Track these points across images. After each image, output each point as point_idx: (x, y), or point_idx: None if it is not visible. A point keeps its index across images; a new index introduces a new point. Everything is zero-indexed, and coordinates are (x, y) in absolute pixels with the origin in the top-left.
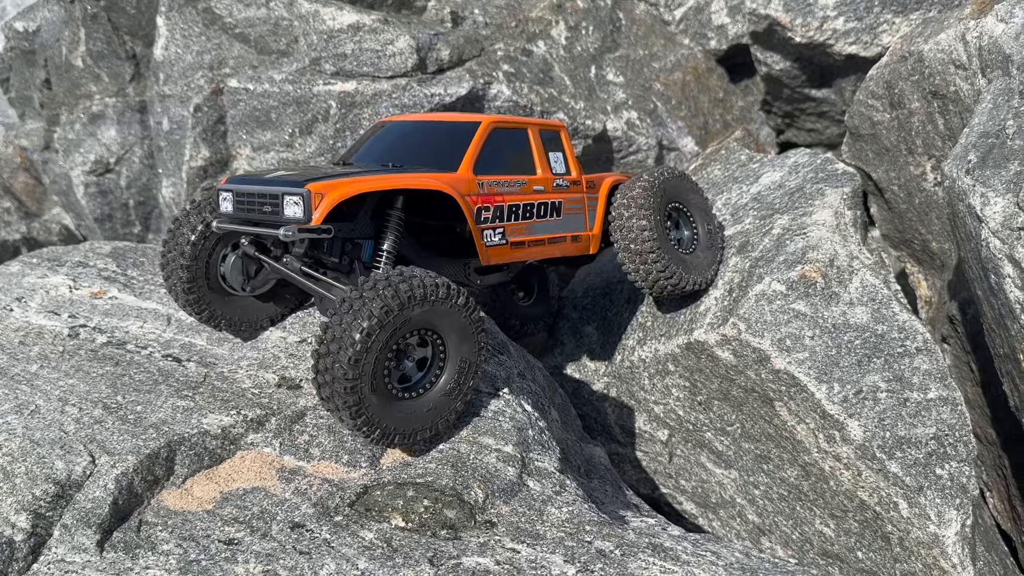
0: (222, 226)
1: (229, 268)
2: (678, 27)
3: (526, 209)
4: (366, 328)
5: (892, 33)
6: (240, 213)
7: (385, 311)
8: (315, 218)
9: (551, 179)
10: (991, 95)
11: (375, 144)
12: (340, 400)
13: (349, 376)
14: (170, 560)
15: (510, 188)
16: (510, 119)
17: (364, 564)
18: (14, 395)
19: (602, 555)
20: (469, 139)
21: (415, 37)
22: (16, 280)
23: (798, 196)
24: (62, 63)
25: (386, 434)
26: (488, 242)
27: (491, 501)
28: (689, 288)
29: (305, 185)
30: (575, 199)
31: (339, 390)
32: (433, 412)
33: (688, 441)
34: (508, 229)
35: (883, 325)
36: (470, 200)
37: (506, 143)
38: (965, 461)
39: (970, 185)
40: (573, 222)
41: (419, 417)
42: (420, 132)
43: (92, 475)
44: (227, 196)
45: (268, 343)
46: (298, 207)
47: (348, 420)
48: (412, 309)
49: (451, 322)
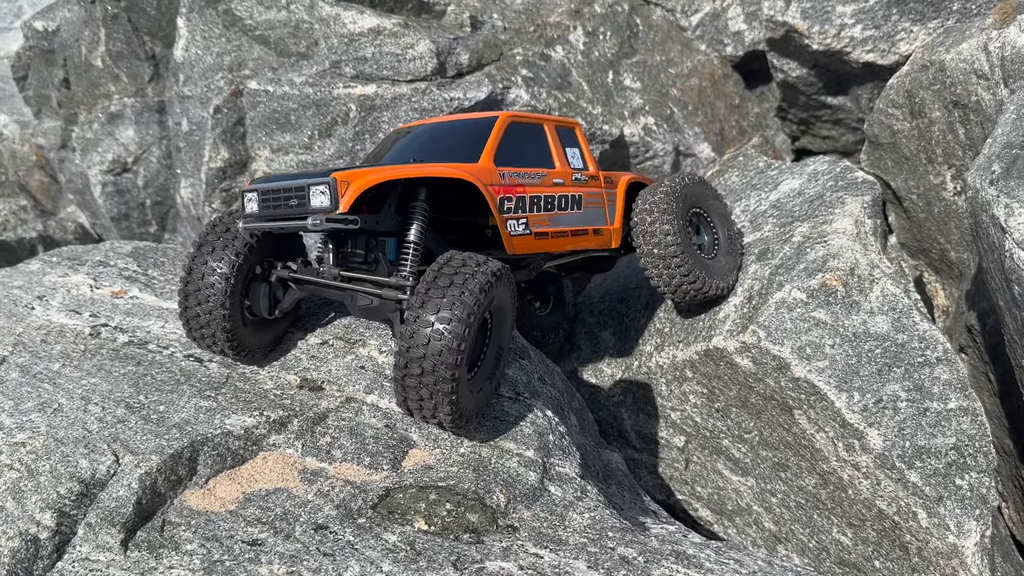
0: (248, 226)
1: (259, 297)
2: (694, 33)
3: (547, 201)
4: (467, 311)
5: (910, 41)
6: (266, 211)
7: (485, 289)
8: (342, 206)
9: (570, 172)
10: (1015, 105)
11: (392, 148)
12: (436, 390)
13: (451, 362)
14: (194, 560)
15: (531, 180)
16: (526, 115)
17: (388, 567)
18: (37, 393)
19: (625, 562)
20: (488, 133)
21: (435, 41)
22: (37, 278)
23: (818, 204)
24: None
25: (467, 416)
26: (512, 232)
27: (513, 506)
28: (712, 293)
29: (331, 175)
30: (594, 193)
31: (441, 376)
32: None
33: (705, 448)
34: (531, 220)
35: (903, 334)
36: (493, 190)
37: (524, 137)
38: (985, 472)
39: (994, 196)
40: (594, 216)
41: (478, 396)
42: (438, 132)
43: (116, 474)
44: (252, 197)
45: (289, 344)
46: (324, 196)
47: (445, 417)
48: (493, 290)
49: (504, 297)
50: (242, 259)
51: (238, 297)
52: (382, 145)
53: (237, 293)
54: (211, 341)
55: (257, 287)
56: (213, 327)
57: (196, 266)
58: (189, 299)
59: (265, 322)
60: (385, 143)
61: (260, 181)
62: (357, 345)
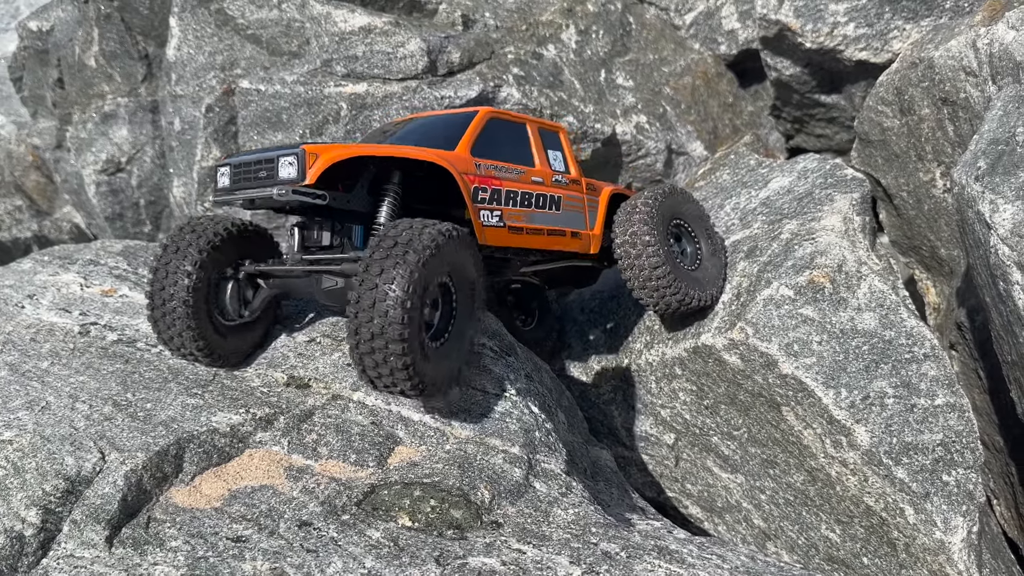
0: (219, 199)
1: (228, 298)
2: (688, 32)
3: (524, 197)
4: (411, 268)
5: (903, 39)
6: (237, 184)
7: (434, 247)
8: (309, 176)
9: (550, 173)
10: (1001, 102)
11: (375, 138)
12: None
13: (401, 320)
14: (178, 557)
15: (508, 174)
16: (508, 113)
17: (371, 563)
18: (25, 391)
19: (608, 557)
20: (467, 125)
21: (426, 40)
22: (28, 277)
23: (807, 201)
24: (75, 63)
25: (431, 384)
26: (485, 222)
27: (497, 502)
28: (695, 304)
29: (300, 147)
30: (574, 197)
31: (392, 335)
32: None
33: (694, 445)
34: (506, 213)
35: (891, 331)
36: (468, 179)
37: (504, 134)
38: (972, 468)
39: (979, 192)
40: (573, 218)
41: (445, 365)
42: (421, 125)
43: (102, 471)
44: (224, 171)
45: (277, 342)
46: (292, 167)
47: (402, 382)
48: (444, 251)
49: (462, 261)
50: (206, 256)
51: (203, 295)
52: (368, 137)
53: (202, 291)
54: (179, 343)
55: (225, 286)
56: (178, 326)
57: (161, 266)
58: (155, 298)
59: (239, 328)
60: (371, 135)
61: (232, 156)
62: (344, 342)
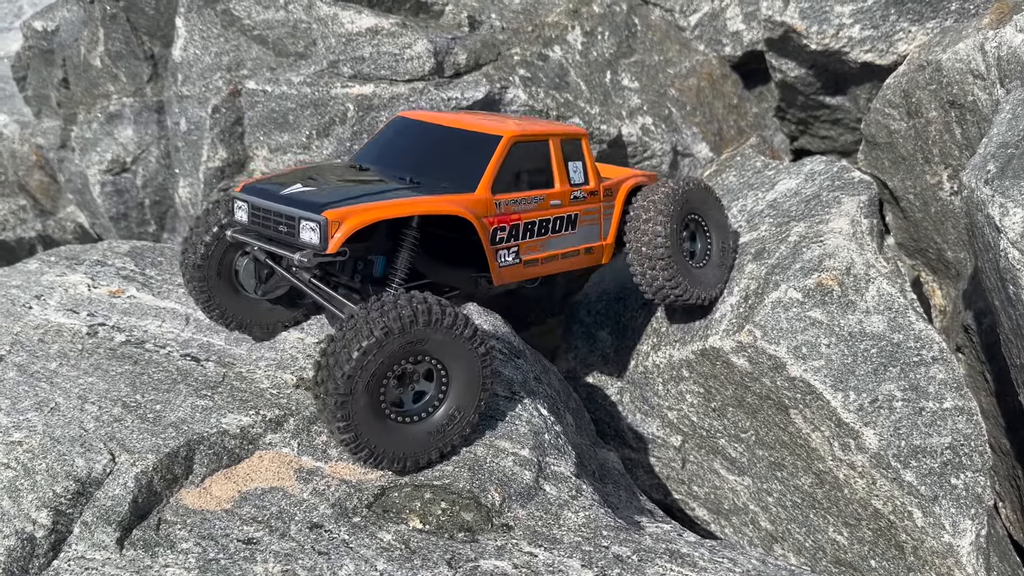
0: (236, 236)
1: (243, 270)
2: (693, 33)
3: (542, 225)
4: (364, 347)
5: (908, 41)
6: (255, 226)
7: (385, 332)
8: (331, 246)
9: (568, 192)
10: (1010, 105)
11: (393, 146)
12: (330, 413)
13: (341, 391)
14: (189, 559)
15: (527, 206)
16: (531, 131)
17: (383, 565)
18: (34, 392)
19: (619, 560)
20: (489, 155)
21: (433, 41)
22: (35, 278)
23: (814, 204)
24: (80, 63)
25: (374, 455)
26: (501, 262)
27: (508, 504)
28: (692, 301)
29: (322, 212)
30: (591, 210)
31: (331, 403)
32: (430, 440)
33: (701, 447)
34: (523, 247)
35: (899, 334)
36: (486, 221)
37: (526, 158)
38: (980, 471)
39: (989, 195)
40: (587, 234)
41: (413, 443)
42: (439, 140)
43: (112, 473)
44: (243, 206)
45: (286, 344)
46: (314, 233)
47: (337, 435)
48: (413, 333)
49: (455, 352)
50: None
51: (217, 257)
52: (382, 138)
53: (217, 253)
54: (189, 292)
55: (243, 261)
56: (187, 275)
57: (194, 226)
58: (183, 254)
59: (261, 302)
60: (385, 136)
61: (251, 191)
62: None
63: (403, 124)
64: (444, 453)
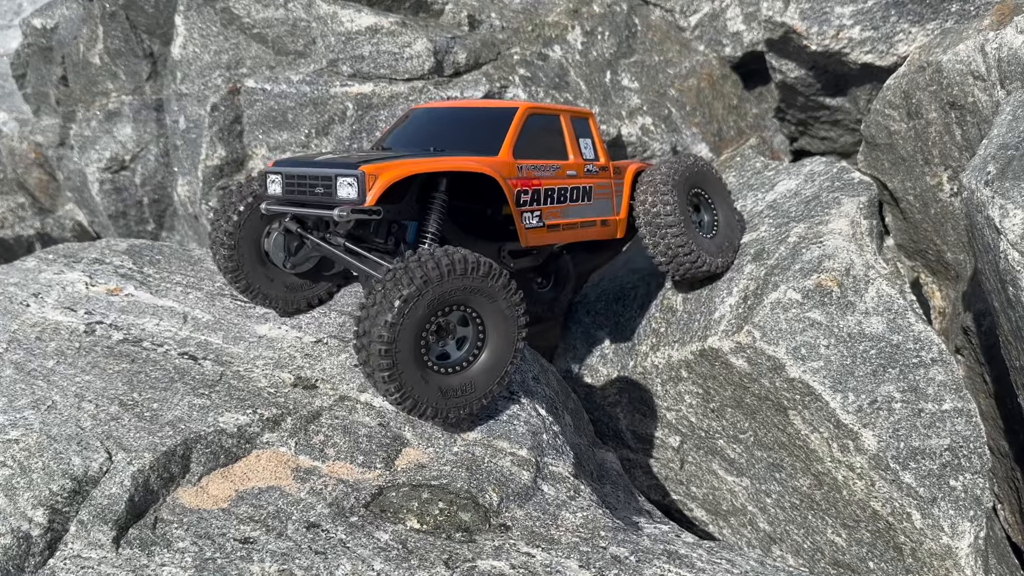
0: (271, 208)
1: (272, 244)
2: (693, 33)
3: (560, 193)
4: (405, 295)
5: (908, 43)
6: (290, 195)
7: (424, 281)
8: (369, 199)
9: (582, 164)
10: (1011, 107)
11: (411, 130)
12: (375, 363)
13: (385, 339)
14: (186, 558)
15: (546, 172)
16: (544, 106)
17: (380, 565)
18: (31, 390)
19: (617, 561)
20: (507, 124)
21: (432, 40)
22: (32, 276)
23: (814, 204)
24: (79, 60)
25: (418, 405)
26: (527, 224)
27: (506, 505)
28: (707, 269)
29: (359, 167)
30: (604, 184)
31: (375, 352)
32: (469, 390)
33: (700, 448)
34: (545, 212)
35: (899, 335)
36: (511, 183)
37: (540, 129)
38: (979, 473)
39: (989, 197)
40: (602, 207)
41: (454, 393)
42: (457, 118)
43: (109, 471)
44: (276, 179)
45: (284, 343)
46: (352, 188)
47: (381, 385)
48: (451, 283)
49: (490, 302)
50: (249, 205)
51: (248, 237)
52: (397, 125)
53: (247, 233)
54: (217, 266)
55: (273, 235)
56: (219, 243)
57: (223, 199)
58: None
59: (289, 277)
60: (403, 123)
61: (284, 163)
62: (351, 343)
63: (420, 113)
64: (485, 404)
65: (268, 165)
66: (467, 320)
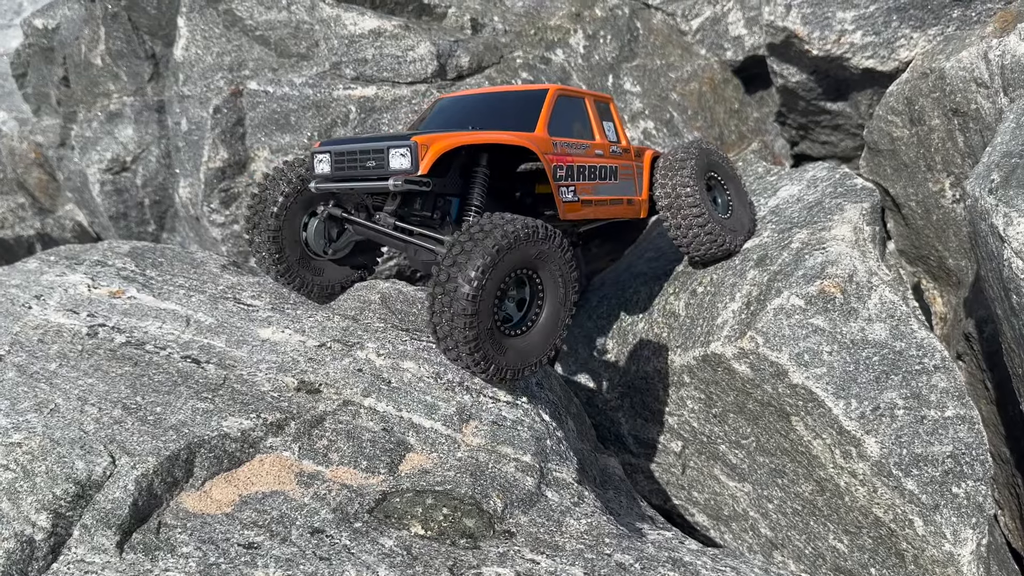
0: (321, 186)
1: (312, 230)
2: (695, 37)
3: (591, 170)
4: (481, 265)
5: (910, 48)
6: (340, 172)
7: (496, 249)
8: (422, 167)
9: (608, 145)
10: (1014, 114)
11: (444, 115)
12: (460, 335)
13: (469, 312)
14: (190, 563)
15: (577, 150)
16: (571, 89)
17: (384, 571)
18: (33, 393)
19: (622, 568)
20: (540, 103)
21: (435, 43)
22: (34, 277)
23: (817, 210)
24: (81, 61)
25: (500, 369)
26: (565, 198)
27: (510, 511)
28: (726, 246)
29: (411, 139)
30: (627, 165)
31: (459, 326)
32: (537, 347)
33: (702, 453)
34: (579, 188)
35: (901, 342)
36: (548, 158)
37: (569, 110)
38: (981, 480)
39: (993, 205)
40: (627, 186)
41: (525, 353)
42: (489, 102)
43: (112, 476)
44: (323, 158)
45: (287, 347)
46: (404, 159)
47: (466, 356)
48: (519, 249)
49: (549, 263)
50: (297, 188)
51: (290, 221)
52: (429, 114)
53: (289, 217)
54: (263, 265)
55: (313, 223)
56: (262, 225)
57: (261, 190)
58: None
59: (326, 263)
60: (432, 112)
61: (329, 143)
62: (355, 348)
63: (448, 101)
64: (551, 357)
65: (315, 145)
66: (524, 281)
